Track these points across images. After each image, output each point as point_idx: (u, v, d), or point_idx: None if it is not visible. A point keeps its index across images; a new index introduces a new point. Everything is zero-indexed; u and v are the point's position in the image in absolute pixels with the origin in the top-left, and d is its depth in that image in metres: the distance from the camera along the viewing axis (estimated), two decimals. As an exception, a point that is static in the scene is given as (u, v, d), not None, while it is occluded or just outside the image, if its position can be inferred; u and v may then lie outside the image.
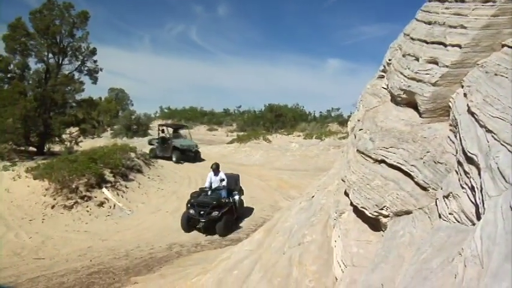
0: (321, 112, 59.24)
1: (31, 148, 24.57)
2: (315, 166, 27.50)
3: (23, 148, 23.90)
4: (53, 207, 16.69)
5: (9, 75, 24.60)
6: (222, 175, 16.33)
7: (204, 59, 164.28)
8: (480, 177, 2.62)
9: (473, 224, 2.69)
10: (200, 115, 63.65)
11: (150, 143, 30.43)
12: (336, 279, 4.39)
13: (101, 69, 26.55)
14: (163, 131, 30.93)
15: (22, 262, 12.29)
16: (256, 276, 5.79)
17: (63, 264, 12.23)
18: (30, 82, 25.23)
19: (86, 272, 11.58)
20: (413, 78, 4.22)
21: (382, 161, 4.18)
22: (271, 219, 8.70)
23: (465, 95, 3.48)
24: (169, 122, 48.69)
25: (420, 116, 4.12)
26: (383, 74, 5.66)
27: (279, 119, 51.82)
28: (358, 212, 4.50)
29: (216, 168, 16.34)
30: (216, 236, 15.24)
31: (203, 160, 29.38)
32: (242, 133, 44.99)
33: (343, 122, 48.12)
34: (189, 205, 15.51)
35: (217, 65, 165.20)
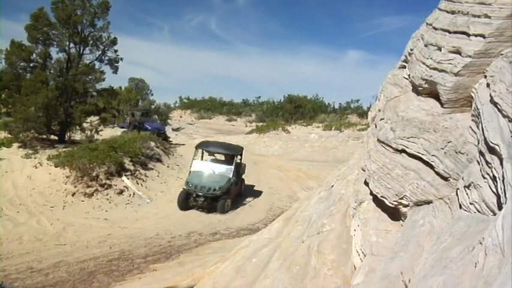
0: (340, 103, 59.08)
1: (52, 136, 24.89)
2: (334, 157, 27.42)
3: (44, 136, 24.25)
4: (73, 194, 16.95)
5: (31, 65, 24.98)
6: None
7: (223, 49, 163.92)
8: (502, 167, 2.61)
9: (494, 214, 2.68)
10: (219, 105, 63.71)
11: None
12: (355, 268, 4.40)
13: (121, 59, 26.76)
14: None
15: (44, 248, 12.54)
16: (275, 264, 5.83)
17: (84, 250, 12.44)
18: (52, 71, 25.56)
19: (106, 258, 11.77)
20: (435, 68, 4.18)
21: (403, 151, 4.17)
22: (290, 208, 8.73)
23: (488, 85, 3.45)
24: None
25: (442, 106, 4.10)
26: (404, 64, 5.62)
27: (298, 110, 51.73)
28: (378, 202, 4.50)
29: None
30: (235, 225, 15.32)
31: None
32: (261, 124, 44.99)
33: (362, 113, 47.96)
34: None
35: (237, 55, 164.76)
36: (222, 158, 19.82)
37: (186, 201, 17.31)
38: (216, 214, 16.67)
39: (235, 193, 18.64)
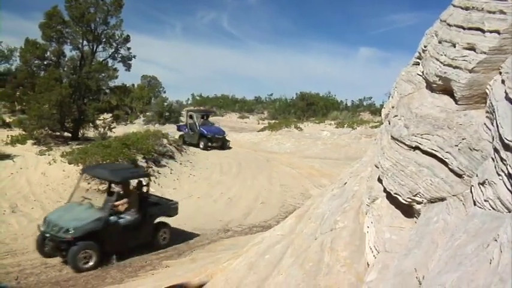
0: (352, 101, 58.50)
1: (66, 133, 25.07)
2: (346, 155, 27.33)
3: (58, 133, 24.45)
4: (87, 191, 17.02)
5: (45, 62, 25.16)
6: None
7: (235, 47, 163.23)
8: (517, 164, 2.60)
9: (509, 211, 2.67)
10: (231, 103, 63.46)
11: None
12: (368, 264, 4.40)
13: (134, 57, 26.84)
14: None
15: (58, 243, 12.62)
16: (288, 260, 5.84)
17: (98, 246, 12.50)
18: (66, 69, 25.72)
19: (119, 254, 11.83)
20: (449, 65, 4.16)
21: (417, 148, 4.16)
22: (302, 205, 8.73)
23: (503, 81, 3.42)
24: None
25: (456, 103, 4.08)
26: (418, 60, 5.60)
27: (310, 107, 51.46)
28: (391, 199, 4.49)
29: None
30: (247, 222, 15.35)
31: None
32: (273, 121, 44.79)
33: (375, 111, 47.69)
34: None
35: (249, 53, 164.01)
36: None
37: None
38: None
39: (124, 241, 12.13)
